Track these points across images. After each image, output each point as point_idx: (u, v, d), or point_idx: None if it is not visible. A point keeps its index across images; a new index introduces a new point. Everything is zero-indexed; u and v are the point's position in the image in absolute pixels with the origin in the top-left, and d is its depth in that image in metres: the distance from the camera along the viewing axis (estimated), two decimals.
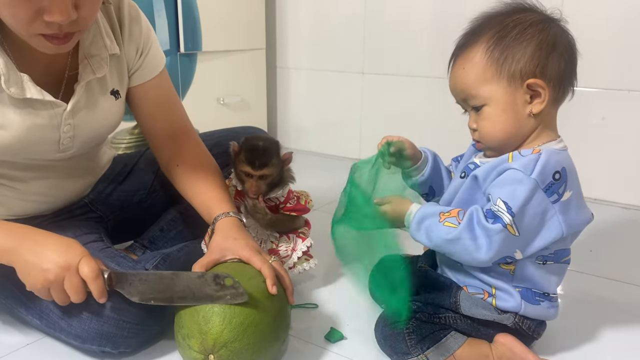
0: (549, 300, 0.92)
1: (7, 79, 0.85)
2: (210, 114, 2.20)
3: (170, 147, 1.11)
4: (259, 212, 1.10)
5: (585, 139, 1.77)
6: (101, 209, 1.17)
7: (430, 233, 0.87)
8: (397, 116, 2.22)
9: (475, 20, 0.90)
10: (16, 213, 1.03)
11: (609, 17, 1.70)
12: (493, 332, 0.92)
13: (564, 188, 0.83)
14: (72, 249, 0.86)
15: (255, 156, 1.06)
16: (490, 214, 0.83)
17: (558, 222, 0.84)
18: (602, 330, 1.06)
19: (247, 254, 0.91)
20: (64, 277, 0.84)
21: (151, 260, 0.99)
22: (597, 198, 1.80)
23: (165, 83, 1.12)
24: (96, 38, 0.95)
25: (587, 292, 1.23)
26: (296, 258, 1.13)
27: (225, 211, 1.00)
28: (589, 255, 1.40)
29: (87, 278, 0.84)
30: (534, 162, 0.82)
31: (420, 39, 2.09)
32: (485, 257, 0.83)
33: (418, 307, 0.92)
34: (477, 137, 0.91)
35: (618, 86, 1.73)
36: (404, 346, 0.89)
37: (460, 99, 0.91)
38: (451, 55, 0.91)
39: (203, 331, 0.81)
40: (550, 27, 0.85)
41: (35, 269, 0.84)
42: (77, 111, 0.95)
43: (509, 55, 0.84)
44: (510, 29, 0.84)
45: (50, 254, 0.84)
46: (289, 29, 2.43)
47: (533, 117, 0.86)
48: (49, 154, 0.97)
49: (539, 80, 0.83)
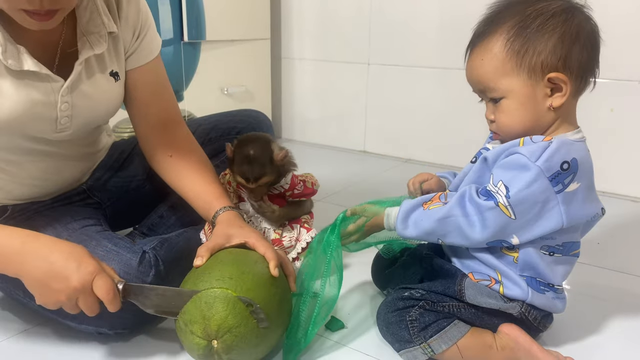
0: (553, 291, 0.90)
1: (4, 49, 0.83)
2: (214, 104, 2.18)
3: (161, 136, 1.09)
4: (266, 210, 1.10)
5: (594, 130, 1.74)
6: (99, 195, 1.16)
7: (419, 222, 0.87)
8: (402, 107, 2.21)
9: (495, 6, 0.86)
10: (14, 197, 1.02)
11: (619, 7, 1.66)
12: (497, 322, 0.90)
13: (571, 179, 0.81)
14: (83, 264, 0.79)
15: (248, 171, 1.05)
16: (485, 192, 0.83)
17: (559, 213, 0.82)
18: (610, 323, 1.04)
19: (253, 240, 0.92)
20: (77, 297, 0.80)
21: (149, 243, 0.98)
22: (605, 191, 1.77)
23: (160, 69, 1.11)
24: (93, 15, 0.94)
25: (594, 284, 1.21)
26: (300, 249, 1.12)
27: (226, 205, 1.01)
28: (596, 247, 1.38)
29: (103, 298, 0.80)
30: (542, 150, 0.80)
31: (427, 29, 2.06)
32: (480, 236, 0.83)
33: (422, 295, 0.90)
34: (494, 129, 0.89)
35: (628, 77, 1.70)
36: (406, 334, 0.88)
37: (477, 89, 0.89)
38: (469, 43, 0.88)
39: (206, 317, 0.79)
40: (573, 16, 0.81)
41: (45, 289, 0.79)
42: (75, 89, 0.94)
43: (530, 48, 0.81)
44: (532, 20, 0.81)
45: (60, 271, 0.78)
46: (294, 19, 2.42)
47: (553, 111, 0.84)
48: (46, 133, 0.95)
49: (561, 75, 0.81)
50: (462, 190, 0.85)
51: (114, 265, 0.89)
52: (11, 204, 1.02)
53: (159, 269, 0.93)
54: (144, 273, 0.91)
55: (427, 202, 0.87)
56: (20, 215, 1.02)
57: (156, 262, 0.93)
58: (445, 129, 2.09)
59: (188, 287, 0.84)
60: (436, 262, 0.97)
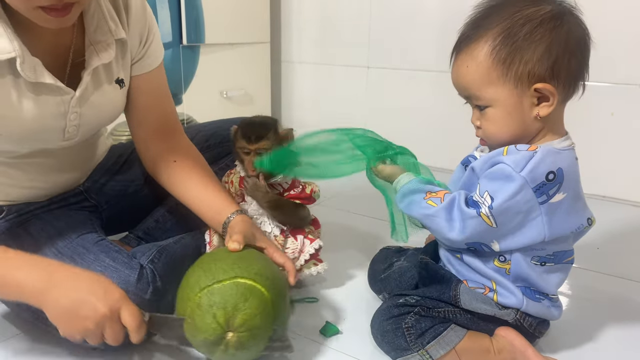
0: (549, 299, 0.89)
1: (22, 61, 0.83)
2: (214, 107, 2.18)
3: (161, 143, 1.09)
4: (259, 189, 1.06)
5: (594, 135, 1.74)
6: (96, 198, 1.15)
7: (412, 205, 0.88)
8: (402, 111, 2.20)
9: (482, 7, 0.84)
10: (13, 199, 1.02)
11: (619, 10, 1.66)
12: (493, 327, 0.89)
13: (556, 189, 0.80)
14: (109, 292, 0.80)
15: (251, 130, 1.05)
16: (471, 202, 0.83)
17: (541, 224, 0.81)
18: (609, 329, 1.03)
19: (272, 250, 0.96)
20: (105, 325, 0.79)
21: (147, 253, 0.97)
22: (606, 195, 1.76)
23: (162, 76, 1.11)
24: (100, 23, 0.94)
25: (593, 290, 1.20)
26: (303, 260, 1.08)
27: (237, 210, 1.00)
28: (596, 252, 1.37)
29: (130, 326, 0.79)
30: (527, 160, 0.79)
31: (427, 32, 2.05)
32: (457, 238, 0.84)
33: (417, 301, 0.89)
34: (480, 135, 0.88)
35: (628, 81, 1.69)
36: (403, 342, 0.87)
37: (463, 95, 0.88)
38: (454, 45, 0.86)
39: (237, 308, 0.78)
40: (562, 23, 0.79)
41: (72, 317, 0.78)
42: (85, 99, 0.94)
43: (517, 57, 0.79)
44: (519, 27, 0.79)
45: (88, 299, 0.78)
46: (294, 23, 2.41)
47: (539, 120, 0.82)
48: (52, 142, 0.96)
49: (548, 85, 0.79)
50: (452, 196, 0.85)
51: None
52: (7, 205, 1.02)
53: (157, 286, 0.92)
54: (142, 290, 0.90)
55: (432, 192, 0.87)
56: (16, 217, 1.02)
57: (154, 278, 0.92)
58: (444, 132, 2.08)
59: (218, 267, 0.83)
60: (431, 267, 0.96)
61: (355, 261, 1.28)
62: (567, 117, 0.86)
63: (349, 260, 1.29)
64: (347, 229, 1.54)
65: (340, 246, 1.38)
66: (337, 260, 1.25)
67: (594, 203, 0.91)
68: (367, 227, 1.53)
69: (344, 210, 1.66)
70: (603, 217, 0.88)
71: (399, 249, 1.13)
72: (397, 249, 1.13)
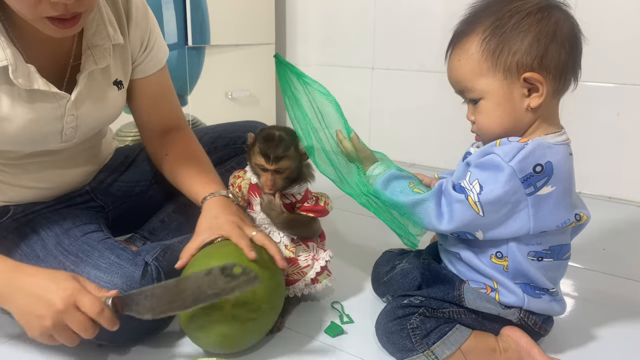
0: (549, 294, 0.89)
1: (14, 69, 0.83)
2: (219, 108, 2.19)
3: (163, 140, 1.11)
4: (274, 209, 1.01)
5: (600, 135, 1.73)
6: (102, 198, 1.16)
7: (397, 193, 0.88)
8: (407, 111, 2.20)
9: (475, 5, 0.86)
10: (15, 200, 1.03)
11: (624, 11, 1.64)
12: (498, 327, 0.89)
13: (544, 182, 0.80)
14: (61, 286, 0.77)
15: (270, 148, 0.97)
16: (458, 187, 0.84)
17: (527, 216, 0.81)
18: (614, 330, 1.03)
19: (226, 231, 0.92)
20: (63, 320, 0.77)
21: (151, 251, 0.97)
22: (611, 196, 1.75)
23: (165, 78, 1.12)
24: (99, 28, 0.94)
25: (599, 290, 1.19)
26: (319, 268, 1.03)
27: (210, 192, 0.99)
28: (601, 253, 1.36)
29: (91, 314, 0.77)
30: (517, 151, 0.80)
31: (431, 33, 2.05)
32: (445, 227, 0.84)
33: (421, 302, 0.89)
34: (475, 130, 0.89)
35: (634, 82, 1.69)
36: (408, 343, 0.87)
37: (457, 90, 0.89)
38: (449, 43, 0.88)
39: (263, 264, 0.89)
40: (550, 15, 0.80)
41: (30, 317, 0.77)
42: (81, 102, 0.95)
43: (505, 48, 0.81)
44: (507, 19, 0.81)
45: (41, 295, 0.76)
46: (299, 24, 2.42)
47: (531, 111, 0.83)
48: (50, 145, 0.96)
49: (536, 74, 0.80)
50: (440, 182, 0.85)
51: (116, 278, 0.88)
52: (13, 205, 1.03)
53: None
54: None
55: (414, 182, 0.89)
56: (23, 217, 1.02)
57: (158, 275, 0.92)
58: (449, 133, 2.08)
59: (212, 262, 0.85)
60: (434, 268, 0.96)
61: (359, 262, 1.28)
62: (572, 117, 0.86)
63: (353, 261, 1.29)
64: (350, 229, 1.54)
65: (344, 247, 1.38)
66: (339, 260, 1.25)
67: (600, 204, 0.91)
68: (371, 228, 1.52)
69: (350, 212, 1.66)
70: (609, 218, 0.88)
71: (402, 251, 1.13)
72: (399, 251, 1.13)
